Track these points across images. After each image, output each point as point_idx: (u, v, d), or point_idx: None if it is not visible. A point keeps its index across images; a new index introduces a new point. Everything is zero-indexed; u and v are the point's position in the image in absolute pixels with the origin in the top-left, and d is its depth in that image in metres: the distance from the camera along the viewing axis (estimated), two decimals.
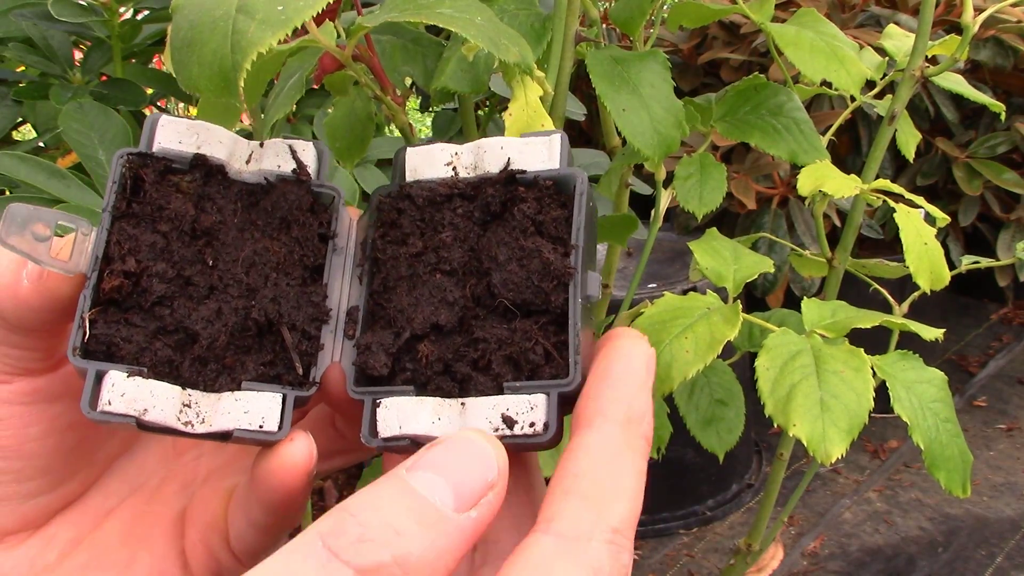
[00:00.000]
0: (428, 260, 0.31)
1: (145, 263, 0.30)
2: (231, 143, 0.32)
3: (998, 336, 2.20)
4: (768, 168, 1.69)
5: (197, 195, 0.31)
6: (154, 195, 0.31)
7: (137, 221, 0.30)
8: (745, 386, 0.65)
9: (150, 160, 0.31)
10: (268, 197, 0.32)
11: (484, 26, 0.40)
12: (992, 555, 1.49)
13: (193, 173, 0.32)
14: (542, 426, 0.27)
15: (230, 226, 0.32)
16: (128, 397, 0.28)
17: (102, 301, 0.29)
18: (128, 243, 0.30)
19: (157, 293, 0.30)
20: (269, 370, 0.31)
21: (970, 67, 1.76)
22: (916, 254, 0.59)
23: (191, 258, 0.31)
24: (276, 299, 0.31)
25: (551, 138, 0.31)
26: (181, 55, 0.34)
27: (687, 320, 0.53)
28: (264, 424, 0.29)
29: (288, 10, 0.33)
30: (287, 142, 0.33)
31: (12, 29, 1.01)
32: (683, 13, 0.66)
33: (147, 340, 0.29)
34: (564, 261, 0.29)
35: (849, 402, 0.49)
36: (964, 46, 0.61)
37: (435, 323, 0.30)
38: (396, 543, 0.23)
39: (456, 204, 0.32)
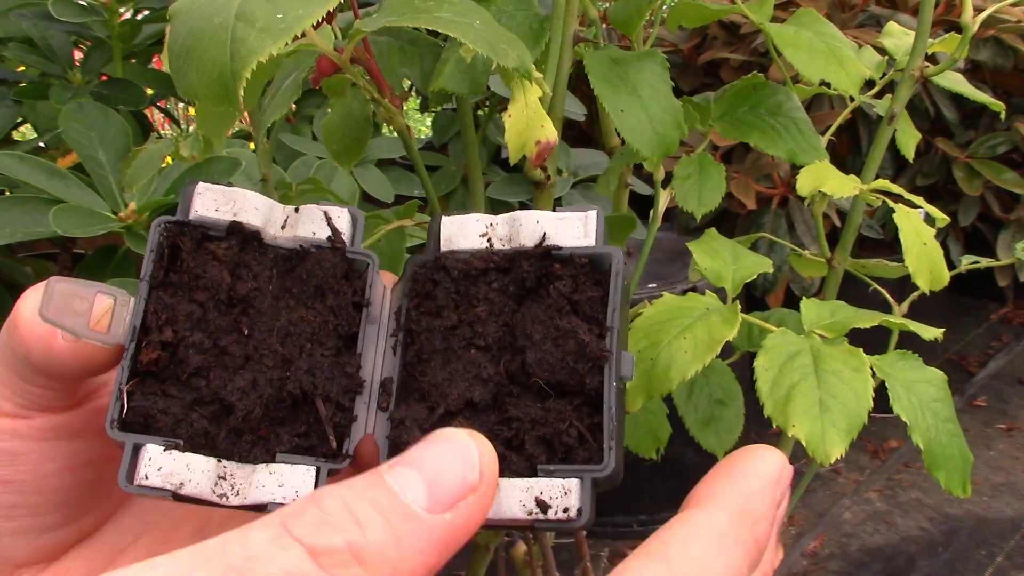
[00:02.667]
0: (463, 334, 0.31)
1: (182, 334, 0.30)
2: (267, 209, 0.32)
3: (998, 336, 2.20)
4: (768, 168, 1.69)
5: (233, 263, 0.31)
6: (191, 264, 0.31)
7: (174, 290, 0.30)
8: (744, 386, 0.65)
9: (187, 228, 0.31)
10: (303, 264, 0.32)
11: (483, 30, 0.40)
12: (992, 555, 1.49)
13: (229, 240, 0.31)
14: (575, 512, 0.27)
15: (266, 293, 0.32)
16: (165, 471, 0.28)
17: (139, 372, 0.29)
18: (165, 313, 0.30)
19: (194, 364, 0.30)
20: (303, 441, 0.31)
21: (970, 67, 1.76)
22: (915, 254, 0.59)
23: (227, 327, 0.31)
24: (311, 370, 0.31)
25: (588, 215, 0.31)
26: (180, 63, 0.34)
27: (686, 320, 0.53)
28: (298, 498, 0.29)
29: (288, 18, 0.33)
30: (322, 208, 0.33)
31: (12, 29, 1.01)
32: (682, 13, 0.66)
33: (184, 411, 0.29)
34: (600, 344, 0.29)
35: (848, 402, 0.49)
36: (964, 45, 0.61)
37: (469, 399, 0.30)
38: (354, 531, 0.21)
39: (491, 278, 0.32)
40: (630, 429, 0.65)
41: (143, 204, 0.88)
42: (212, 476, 0.29)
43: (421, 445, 0.23)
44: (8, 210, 0.84)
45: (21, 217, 0.84)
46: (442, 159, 1.32)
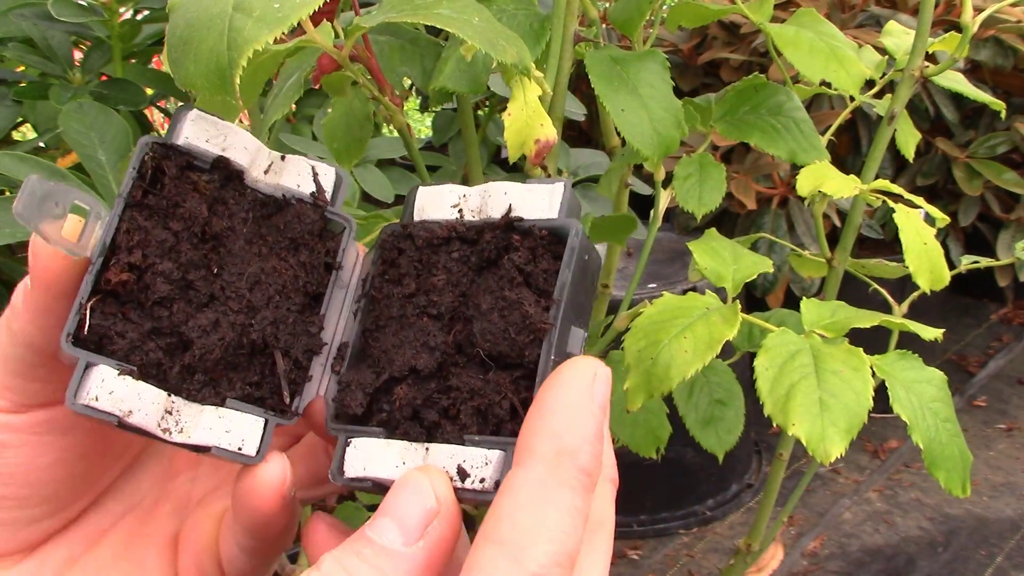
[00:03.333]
0: (419, 302, 0.31)
1: (151, 259, 0.29)
2: (255, 151, 0.32)
3: (998, 336, 2.20)
4: (768, 168, 1.69)
5: (212, 197, 0.31)
6: (171, 190, 0.30)
7: (150, 213, 0.29)
8: (744, 386, 0.65)
9: (174, 153, 0.30)
10: (281, 214, 0.32)
11: (481, 27, 0.40)
12: (992, 555, 1.49)
13: (212, 174, 0.31)
14: (492, 484, 0.27)
15: (238, 235, 0.31)
16: (116, 396, 0.27)
17: (102, 291, 0.28)
18: (138, 235, 0.29)
19: (159, 293, 0.29)
20: (254, 391, 0.30)
21: (970, 67, 1.76)
22: (916, 254, 0.59)
23: (197, 262, 0.30)
24: (275, 323, 0.30)
25: (554, 186, 0.31)
26: (177, 53, 0.34)
27: (686, 320, 0.53)
28: (243, 447, 0.29)
29: (285, 8, 0.33)
30: (311, 162, 0.32)
31: (12, 29, 1.01)
32: (682, 13, 0.66)
33: (141, 339, 0.28)
34: (543, 316, 0.28)
35: (848, 401, 0.49)
36: (964, 45, 0.61)
37: (414, 367, 0.30)
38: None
39: (454, 248, 0.31)
40: (630, 428, 0.65)
41: None
42: (160, 410, 0.28)
43: (389, 494, 0.27)
44: (8, 210, 0.84)
45: None
46: (442, 159, 1.32)
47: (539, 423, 0.26)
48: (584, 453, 0.26)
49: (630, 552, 1.55)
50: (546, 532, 0.24)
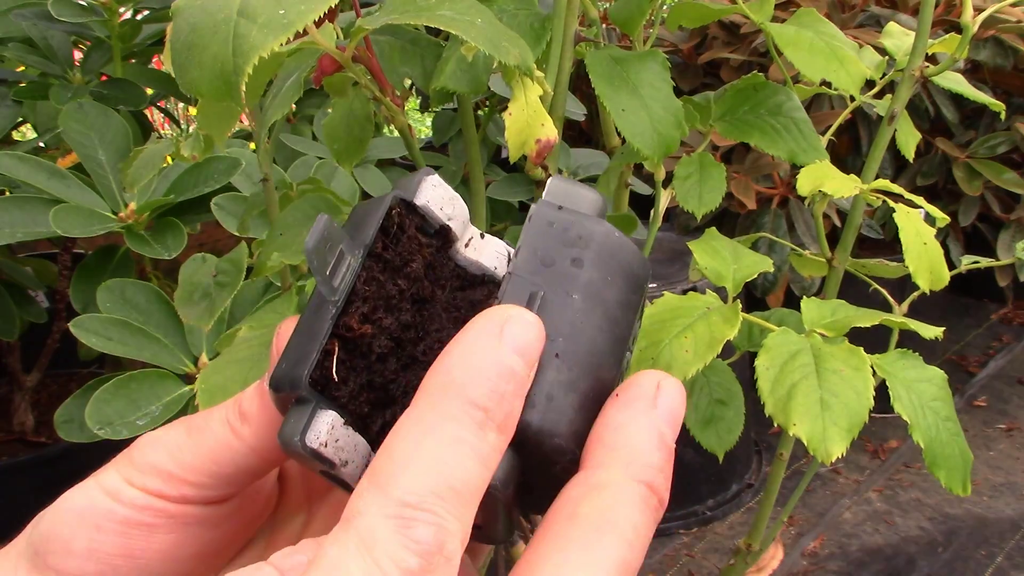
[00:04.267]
0: None
1: (379, 313, 0.29)
2: (465, 224, 0.32)
3: (998, 336, 2.20)
4: (768, 168, 1.69)
5: (428, 262, 0.31)
6: (406, 248, 0.30)
7: (384, 267, 0.30)
8: (745, 386, 0.65)
9: (413, 213, 0.31)
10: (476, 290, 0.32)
11: (484, 28, 0.40)
12: (992, 555, 1.49)
13: (433, 239, 0.32)
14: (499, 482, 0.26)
15: (439, 302, 0.31)
16: (340, 445, 0.27)
17: (338, 335, 0.28)
18: (373, 286, 0.29)
19: (382, 348, 0.29)
20: None
21: (970, 67, 1.76)
22: (916, 254, 0.59)
23: (409, 322, 0.30)
24: None
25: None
26: (182, 58, 0.34)
27: (687, 320, 0.53)
28: None
29: (290, 14, 0.33)
30: (508, 248, 0.33)
31: (12, 29, 1.01)
32: (683, 13, 0.66)
33: (358, 390, 0.28)
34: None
35: (849, 401, 0.49)
36: (964, 46, 0.61)
37: None
38: None
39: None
40: None
41: (143, 204, 0.88)
42: (366, 463, 0.27)
43: None
44: (8, 210, 0.84)
45: (21, 217, 0.85)
46: (442, 159, 1.32)
47: (433, 366, 0.25)
48: (476, 387, 0.24)
49: None
50: (421, 461, 0.23)
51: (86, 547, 0.29)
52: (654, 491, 0.25)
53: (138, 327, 0.77)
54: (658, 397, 0.26)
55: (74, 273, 0.92)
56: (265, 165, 0.66)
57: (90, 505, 0.29)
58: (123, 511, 0.29)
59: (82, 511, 0.29)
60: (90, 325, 0.75)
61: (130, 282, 0.80)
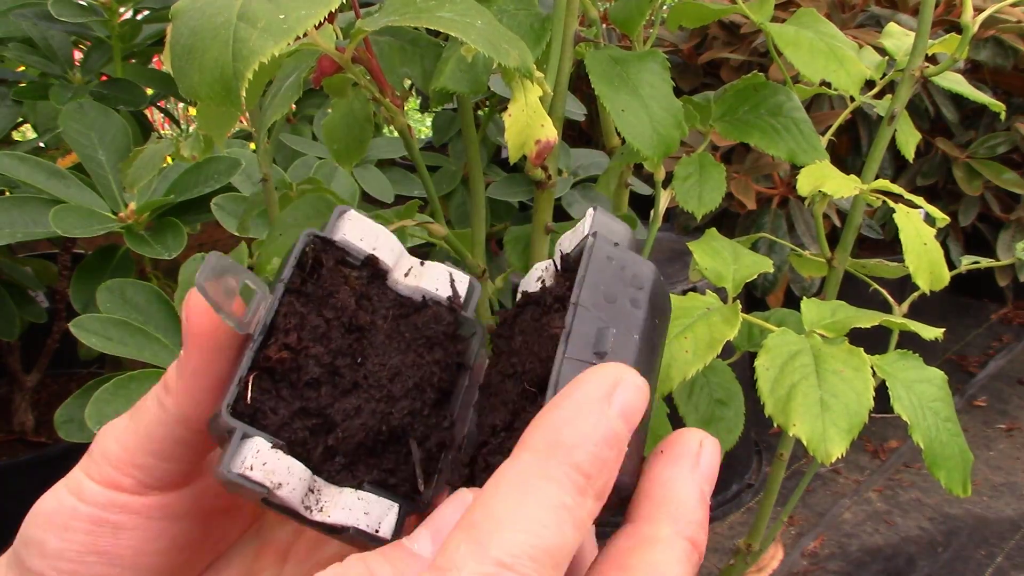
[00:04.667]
0: (505, 371, 0.32)
1: (305, 343, 0.30)
2: (399, 254, 0.34)
3: (998, 336, 2.20)
4: (768, 168, 1.69)
5: (359, 292, 0.32)
6: (327, 281, 0.32)
7: (306, 300, 0.31)
8: (745, 386, 0.65)
9: (331, 248, 0.32)
10: (419, 315, 0.33)
11: (484, 30, 0.40)
12: (992, 555, 1.49)
13: (361, 271, 0.33)
14: None
15: (380, 330, 0.32)
16: (268, 468, 0.28)
17: (260, 367, 0.29)
18: (295, 319, 0.30)
19: (311, 374, 0.30)
20: (387, 478, 0.31)
21: (970, 67, 1.76)
22: (916, 254, 0.59)
23: (344, 350, 0.31)
24: (412, 413, 0.32)
25: (587, 215, 0.32)
26: (181, 62, 0.34)
27: (686, 320, 0.53)
28: (380, 530, 0.29)
29: (290, 19, 0.33)
30: (449, 269, 0.34)
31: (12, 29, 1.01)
32: (683, 13, 0.66)
33: (290, 417, 0.29)
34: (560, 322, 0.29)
35: (849, 401, 0.49)
36: (964, 46, 0.61)
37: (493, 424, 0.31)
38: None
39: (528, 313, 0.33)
40: None
41: (143, 204, 0.88)
42: (305, 487, 0.28)
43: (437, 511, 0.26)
44: (8, 210, 0.84)
45: (21, 217, 0.84)
46: (442, 159, 1.32)
47: (539, 419, 0.25)
48: (583, 451, 0.24)
49: None
50: (520, 521, 0.23)
51: (57, 548, 0.30)
52: (696, 547, 0.26)
53: (138, 327, 0.77)
54: (700, 456, 0.27)
55: (74, 273, 0.92)
56: (265, 165, 0.66)
57: (58, 506, 0.30)
58: (86, 509, 0.30)
59: (51, 513, 0.30)
60: (90, 325, 0.75)
61: (130, 282, 0.80)
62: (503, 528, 0.23)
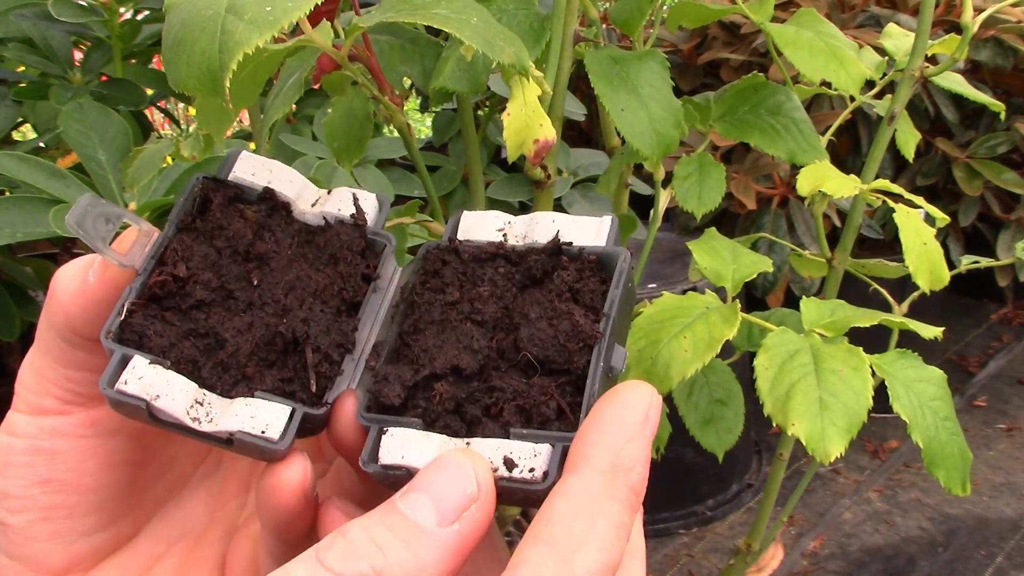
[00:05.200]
0: (462, 309, 0.32)
1: (194, 271, 0.31)
2: (301, 185, 0.34)
3: (998, 336, 2.20)
4: (768, 168, 1.69)
5: (259, 224, 0.33)
6: (218, 215, 0.33)
7: (197, 235, 0.32)
8: (744, 386, 0.65)
9: (222, 186, 0.33)
10: (322, 235, 0.34)
11: (479, 27, 0.40)
12: (992, 555, 1.49)
13: (259, 205, 0.34)
14: (541, 473, 0.27)
15: (282, 256, 0.33)
16: (145, 381, 0.28)
17: (146, 296, 0.30)
18: (184, 251, 0.31)
19: (197, 298, 0.31)
20: (285, 386, 0.31)
21: (970, 67, 1.76)
22: (916, 254, 0.59)
23: (237, 275, 0.32)
24: (307, 320, 0.32)
25: (603, 219, 0.33)
26: (172, 54, 0.34)
27: (686, 319, 0.53)
28: (266, 431, 0.29)
29: (276, 10, 0.33)
30: (352, 190, 0.35)
31: (12, 29, 1.01)
32: (683, 13, 0.66)
33: (177, 338, 0.30)
34: (593, 326, 0.30)
35: (848, 401, 0.49)
36: (964, 46, 0.61)
37: (456, 366, 0.31)
38: (376, 555, 0.24)
39: (499, 264, 0.33)
40: None
41: (143, 204, 0.88)
42: (189, 399, 0.29)
43: (424, 471, 0.27)
44: (8, 210, 0.84)
45: (21, 217, 0.84)
46: (442, 159, 1.32)
47: (598, 435, 0.26)
48: (636, 473, 0.26)
49: None
50: (596, 540, 0.25)
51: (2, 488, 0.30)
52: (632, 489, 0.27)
53: None
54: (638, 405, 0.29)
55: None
56: None
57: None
58: (20, 443, 0.31)
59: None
60: None
61: None
62: (584, 547, 0.25)
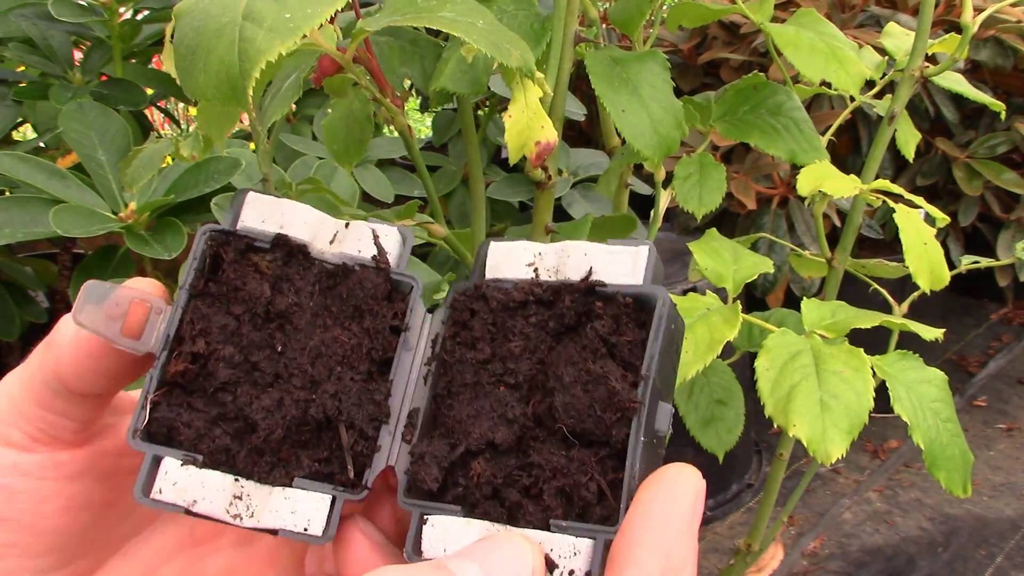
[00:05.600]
0: (494, 369, 0.30)
1: (214, 346, 0.29)
2: (317, 223, 0.32)
3: (998, 336, 2.20)
4: (768, 168, 1.69)
5: (276, 276, 0.31)
6: (231, 275, 0.30)
7: (212, 301, 0.30)
8: (745, 386, 0.65)
9: (232, 238, 0.31)
10: (345, 283, 0.31)
11: (486, 29, 0.40)
12: (992, 555, 1.49)
13: (274, 253, 0.31)
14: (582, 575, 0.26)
15: (305, 309, 0.31)
16: (180, 487, 0.28)
17: (167, 382, 0.29)
18: (200, 324, 0.29)
19: (222, 379, 0.29)
20: (323, 468, 0.30)
21: (970, 67, 1.76)
22: (916, 254, 0.59)
23: (260, 343, 0.30)
24: (337, 395, 0.30)
25: (639, 250, 0.30)
26: (186, 63, 0.34)
27: (687, 320, 0.53)
28: (309, 528, 0.28)
29: (296, 18, 0.33)
30: (371, 226, 0.32)
31: (12, 29, 1.01)
32: (683, 13, 0.66)
33: (207, 426, 0.29)
34: (630, 393, 0.27)
35: (849, 402, 0.49)
36: (964, 46, 0.61)
37: (491, 440, 0.29)
38: None
39: (531, 311, 0.30)
40: None
41: (143, 204, 0.88)
42: (227, 495, 0.28)
43: (481, 543, 0.26)
44: (8, 210, 0.83)
45: (21, 217, 0.84)
46: (442, 159, 1.32)
47: (646, 533, 0.25)
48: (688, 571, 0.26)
49: None
50: None
51: None
52: None
53: None
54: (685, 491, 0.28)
55: (74, 273, 0.92)
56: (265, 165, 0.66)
57: None
58: None
59: None
60: None
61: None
62: None
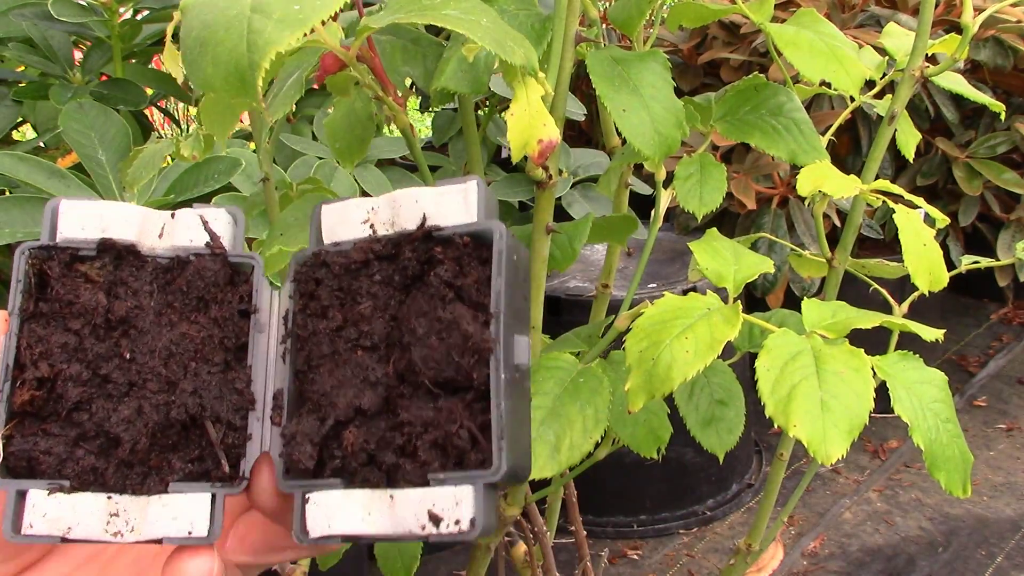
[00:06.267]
0: (349, 335, 0.29)
1: (59, 367, 0.28)
2: (140, 219, 0.30)
3: (998, 336, 2.20)
4: (768, 168, 1.69)
5: (109, 282, 0.30)
6: (61, 290, 0.29)
7: (47, 320, 0.29)
8: (745, 386, 0.65)
9: (54, 252, 0.29)
10: (183, 276, 0.30)
11: (490, 28, 0.40)
12: (992, 555, 1.49)
13: (102, 258, 0.30)
14: (468, 523, 0.25)
15: (147, 310, 0.30)
16: (51, 517, 0.27)
17: (16, 413, 0.27)
18: (39, 346, 0.28)
19: (73, 398, 0.28)
20: (197, 467, 0.29)
21: (970, 67, 1.76)
22: (915, 255, 0.59)
23: (107, 353, 0.29)
24: (197, 391, 0.29)
25: (467, 186, 0.28)
26: (194, 55, 0.33)
27: (687, 320, 0.53)
28: (193, 530, 0.28)
29: (305, 9, 0.33)
30: (197, 212, 0.31)
31: (12, 29, 1.01)
32: (683, 13, 0.66)
33: (68, 449, 0.28)
34: (483, 333, 0.27)
35: (850, 402, 0.49)
36: (964, 46, 0.61)
37: (359, 407, 0.28)
38: None
39: (374, 269, 0.30)
40: (631, 428, 0.65)
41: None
42: (103, 514, 0.27)
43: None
44: (8, 210, 0.84)
45: (21, 217, 0.84)
46: (442, 159, 1.32)
47: None
48: None
49: (630, 552, 1.55)
50: None
51: None
52: None
53: None
54: None
55: None
56: (265, 165, 0.66)
57: None
58: None
59: None
60: None
61: None
62: None
